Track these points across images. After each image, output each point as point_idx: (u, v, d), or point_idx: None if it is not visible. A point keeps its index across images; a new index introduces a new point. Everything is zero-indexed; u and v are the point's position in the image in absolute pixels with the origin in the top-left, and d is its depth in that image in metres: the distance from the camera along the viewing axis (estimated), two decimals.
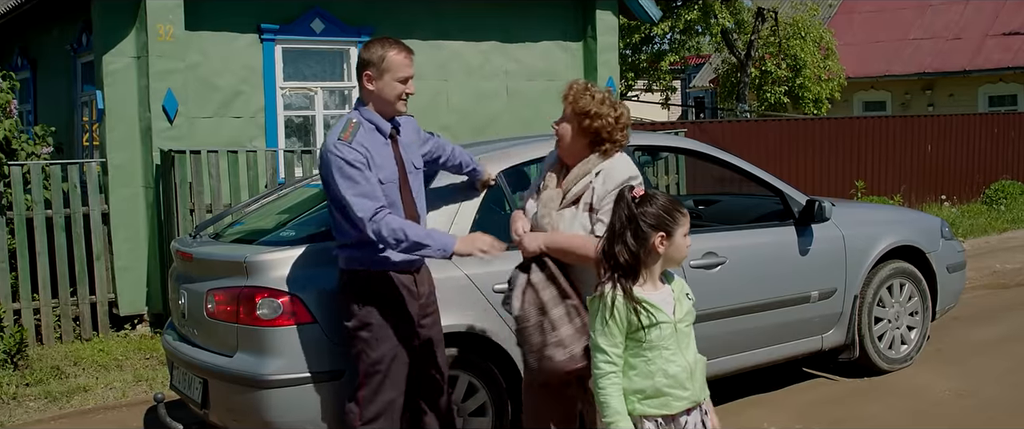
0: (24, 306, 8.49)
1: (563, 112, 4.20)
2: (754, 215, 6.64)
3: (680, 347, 3.34)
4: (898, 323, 6.89)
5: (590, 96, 4.11)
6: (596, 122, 4.09)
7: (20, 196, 8.41)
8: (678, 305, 3.37)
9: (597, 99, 4.12)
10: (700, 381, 3.39)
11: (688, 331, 3.39)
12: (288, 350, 4.55)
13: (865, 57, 27.00)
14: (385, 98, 4.29)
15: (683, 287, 3.45)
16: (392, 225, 4.05)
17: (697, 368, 3.38)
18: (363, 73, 4.29)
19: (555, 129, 4.22)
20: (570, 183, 4.17)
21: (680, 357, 3.33)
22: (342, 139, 4.18)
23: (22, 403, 6.98)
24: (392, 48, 4.29)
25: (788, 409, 6.21)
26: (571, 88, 4.19)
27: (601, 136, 4.13)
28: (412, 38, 10.60)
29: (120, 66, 9.03)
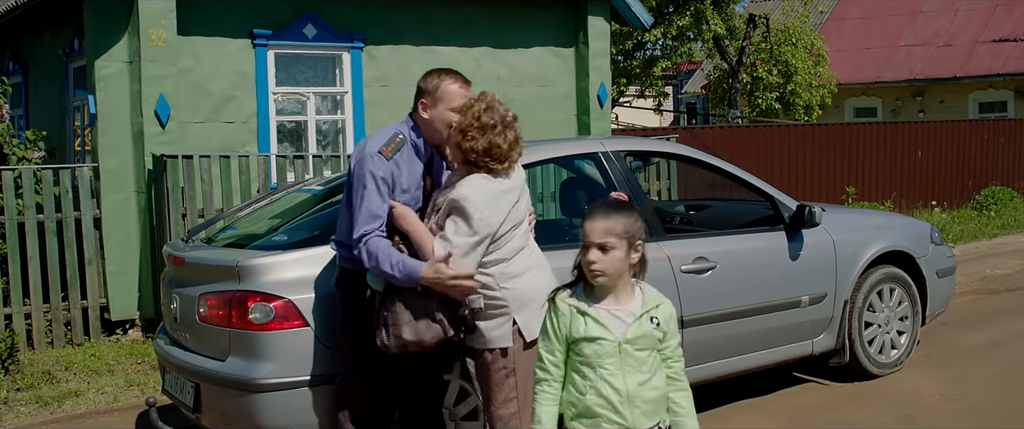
0: (15, 311, 8.48)
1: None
2: (745, 220, 6.67)
3: (622, 369, 3.15)
4: (888, 328, 6.92)
5: (484, 106, 4.26)
6: (471, 140, 4.19)
7: (12, 201, 8.40)
8: (632, 327, 3.17)
9: (495, 111, 4.26)
10: (644, 411, 3.16)
11: (641, 357, 3.17)
12: (280, 354, 4.56)
13: (856, 63, 27.10)
14: (436, 126, 4.38)
15: (656, 313, 3.21)
16: (371, 249, 4.14)
17: (642, 397, 3.15)
18: (419, 100, 4.44)
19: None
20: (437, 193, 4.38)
21: (619, 380, 3.14)
22: (383, 153, 4.29)
23: (13, 408, 6.97)
24: (449, 78, 4.44)
25: (779, 414, 6.23)
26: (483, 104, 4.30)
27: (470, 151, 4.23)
28: (404, 44, 10.64)
29: (112, 71, 9.03)
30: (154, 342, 5.70)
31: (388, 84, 10.61)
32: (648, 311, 3.20)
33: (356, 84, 10.43)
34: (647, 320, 3.18)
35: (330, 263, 4.68)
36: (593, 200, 5.96)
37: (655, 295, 3.26)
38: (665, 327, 3.21)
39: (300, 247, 4.89)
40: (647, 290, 3.26)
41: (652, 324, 3.18)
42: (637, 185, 5.83)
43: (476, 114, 4.18)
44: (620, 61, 24.99)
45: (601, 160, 5.74)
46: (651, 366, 3.19)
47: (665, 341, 3.21)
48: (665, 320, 3.22)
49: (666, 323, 3.22)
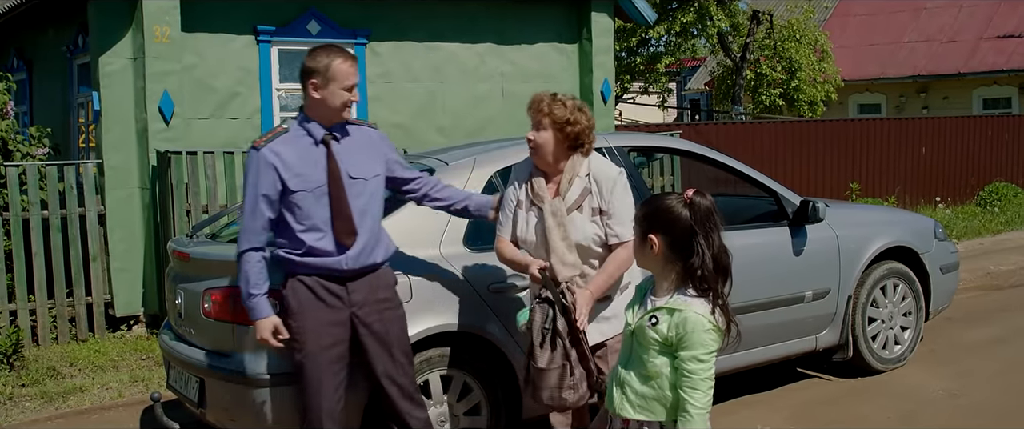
0: (20, 307, 8.50)
1: (535, 124, 4.37)
2: (748, 216, 6.66)
3: (628, 356, 3.25)
4: (892, 323, 6.92)
5: (562, 105, 4.33)
6: (575, 128, 4.32)
7: (16, 197, 8.42)
8: (638, 318, 3.21)
9: (569, 107, 4.34)
10: (634, 402, 3.19)
11: (644, 353, 3.16)
12: (284, 349, 4.56)
13: (860, 60, 27.07)
14: (330, 106, 4.29)
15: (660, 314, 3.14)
16: (241, 267, 4.29)
17: (632, 387, 3.19)
18: (308, 81, 4.28)
19: (531, 139, 4.37)
20: (565, 189, 4.36)
21: (622, 363, 3.28)
22: (255, 144, 4.29)
23: (18, 403, 6.99)
24: (338, 57, 4.28)
25: (782, 409, 6.23)
26: (541, 101, 4.36)
27: (580, 140, 4.36)
28: (407, 40, 10.65)
29: (116, 68, 9.05)
30: (159, 337, 5.71)
31: (392, 80, 10.62)
32: (655, 310, 3.15)
33: (361, 80, 10.43)
34: (648, 317, 3.15)
35: None
36: None
37: (680, 302, 3.11)
38: (668, 333, 3.09)
39: None
40: (679, 295, 3.14)
41: (649, 323, 3.13)
42: (640, 181, 5.84)
43: (563, 103, 4.34)
44: (624, 57, 24.98)
45: (604, 156, 5.73)
46: (655, 366, 3.13)
47: (677, 349, 3.09)
48: (671, 325, 3.09)
49: (670, 329, 3.09)
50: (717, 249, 3.12)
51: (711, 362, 3.09)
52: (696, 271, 3.09)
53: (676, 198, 3.17)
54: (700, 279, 3.10)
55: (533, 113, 4.37)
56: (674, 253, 3.12)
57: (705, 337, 3.06)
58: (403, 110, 10.68)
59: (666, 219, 3.14)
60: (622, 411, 3.21)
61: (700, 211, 3.11)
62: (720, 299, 3.12)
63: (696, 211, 3.11)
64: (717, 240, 3.13)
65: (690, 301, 3.10)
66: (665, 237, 3.13)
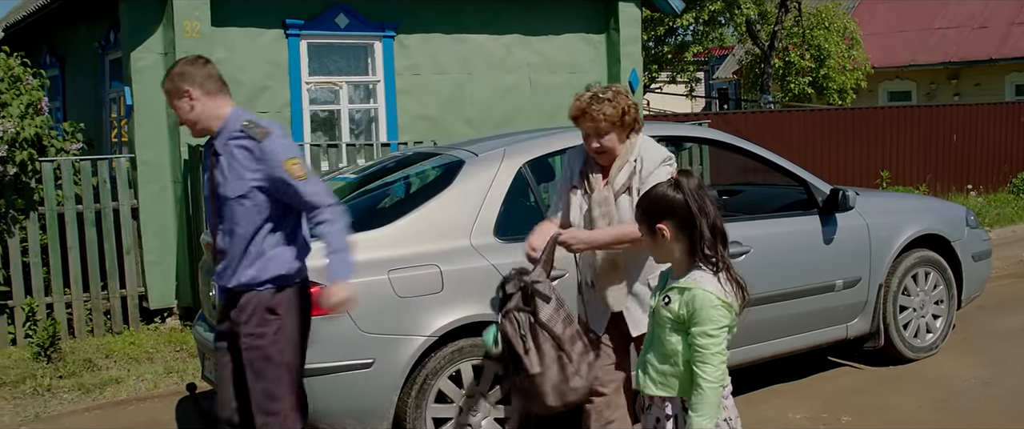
0: (56, 300, 8.61)
1: (594, 132, 4.23)
2: (778, 205, 6.67)
3: (650, 335, 3.43)
4: (923, 312, 6.90)
5: (607, 102, 4.20)
6: (629, 116, 4.25)
7: (51, 192, 8.53)
8: (655, 300, 3.40)
9: (613, 99, 4.23)
10: (654, 379, 3.36)
11: (660, 331, 3.34)
12: (318, 339, 4.61)
13: (889, 47, 26.86)
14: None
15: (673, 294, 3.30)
16: None
17: (652, 364, 3.36)
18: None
19: (598, 147, 4.25)
20: (614, 175, 4.30)
21: (646, 343, 3.46)
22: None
23: (56, 395, 7.09)
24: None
25: (813, 398, 6.23)
26: (587, 109, 4.21)
27: (634, 125, 4.31)
28: (434, 32, 10.69)
29: (148, 63, 9.13)
30: (193, 329, 5.78)
31: (420, 73, 10.66)
32: (668, 291, 3.31)
33: (388, 73, 10.48)
34: (662, 298, 3.32)
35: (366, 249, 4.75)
36: None
37: (690, 281, 3.26)
38: (680, 311, 3.24)
39: None
40: (691, 275, 3.27)
41: (663, 303, 3.31)
42: None
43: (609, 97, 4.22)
44: (651, 47, 24.94)
45: None
46: (671, 344, 3.29)
47: (688, 326, 3.24)
48: (682, 304, 3.24)
49: (681, 307, 3.24)
50: (713, 217, 3.28)
51: (721, 337, 3.22)
52: (702, 241, 3.25)
53: (663, 185, 3.35)
54: (706, 248, 3.26)
55: (586, 123, 4.24)
56: (682, 233, 3.28)
57: (714, 313, 3.20)
58: (431, 102, 10.72)
59: (666, 206, 3.30)
60: (646, 389, 3.41)
61: (690, 187, 3.28)
62: (724, 263, 3.28)
63: (686, 189, 3.27)
64: (711, 208, 3.29)
65: (700, 279, 3.25)
66: (671, 221, 3.28)
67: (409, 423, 4.83)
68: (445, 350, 4.86)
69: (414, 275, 4.81)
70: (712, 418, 3.20)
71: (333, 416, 4.72)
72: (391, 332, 4.72)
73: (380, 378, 4.72)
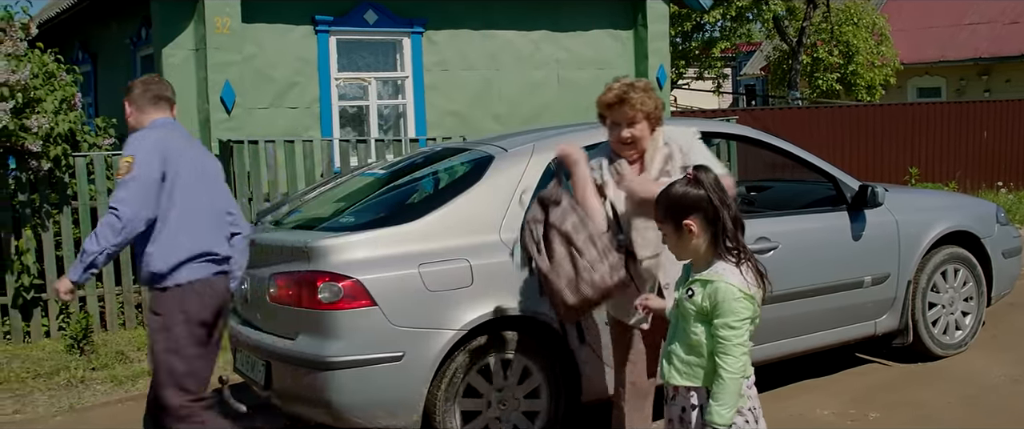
0: (89, 293, 8.72)
1: (627, 120, 4.29)
2: (806, 201, 6.65)
3: (674, 326, 3.51)
4: (952, 309, 6.87)
5: (646, 95, 4.29)
6: (659, 110, 4.34)
7: (84, 186, 8.63)
8: (678, 292, 3.50)
9: (651, 94, 4.32)
10: (679, 369, 3.44)
11: (684, 323, 3.42)
12: (349, 333, 4.66)
13: (918, 43, 26.68)
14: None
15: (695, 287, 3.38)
16: None
17: (677, 354, 3.45)
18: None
19: (629, 136, 4.30)
20: (650, 164, 4.34)
21: (669, 335, 3.54)
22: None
23: (90, 386, 7.19)
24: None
25: (841, 394, 6.22)
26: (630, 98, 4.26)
27: (660, 121, 4.38)
28: (463, 28, 10.73)
29: (179, 59, 9.22)
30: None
31: (448, 69, 10.71)
32: (691, 283, 3.38)
33: (417, 69, 10.54)
34: (685, 291, 3.39)
35: (397, 243, 4.80)
36: None
37: (713, 273, 3.33)
38: (703, 303, 3.32)
39: (367, 228, 5.00)
40: (714, 267, 3.35)
41: (687, 295, 3.37)
42: None
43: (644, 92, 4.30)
44: (678, 43, 24.90)
45: None
46: (695, 335, 3.36)
47: (711, 318, 3.31)
48: (705, 296, 3.32)
49: (704, 299, 3.32)
50: (734, 209, 3.38)
51: (743, 329, 3.29)
52: (725, 234, 3.34)
53: (681, 183, 3.42)
54: (728, 239, 3.34)
55: (621, 111, 4.29)
56: (707, 227, 3.35)
57: (736, 305, 3.27)
58: (459, 98, 10.76)
59: (691, 202, 3.37)
60: (671, 379, 3.47)
61: (709, 182, 3.36)
62: (746, 254, 3.36)
63: (706, 184, 3.36)
64: (731, 201, 3.39)
65: (722, 272, 3.32)
66: (697, 217, 3.35)
67: (438, 416, 4.86)
68: (475, 344, 4.89)
69: (444, 269, 4.84)
70: (732, 408, 3.28)
71: (363, 409, 4.76)
72: (421, 326, 4.75)
73: (410, 371, 4.75)
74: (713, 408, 3.27)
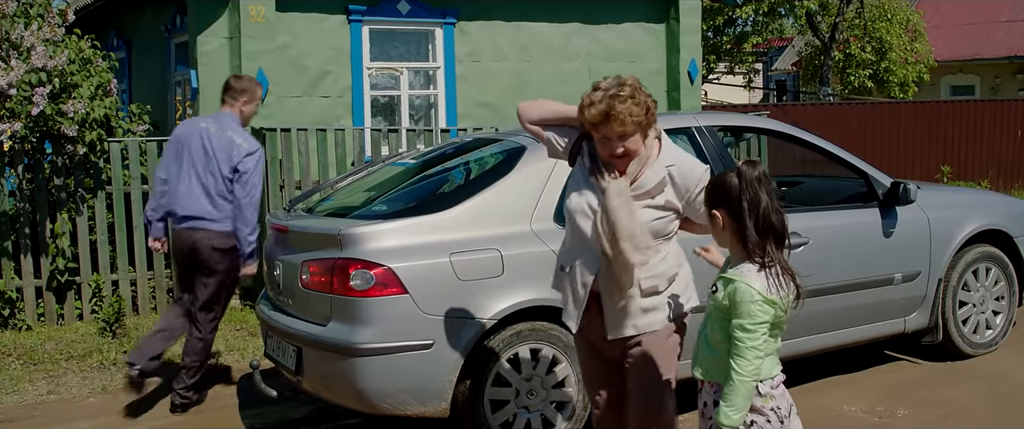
0: (121, 277, 8.81)
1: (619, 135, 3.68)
2: (838, 197, 6.64)
3: (708, 321, 3.47)
4: (983, 307, 6.84)
5: (634, 103, 3.66)
6: (652, 112, 3.75)
7: (119, 172, 8.72)
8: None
9: (639, 99, 3.69)
10: (704, 365, 3.44)
11: (713, 320, 3.40)
12: (380, 320, 4.70)
13: (953, 40, 26.46)
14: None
15: (719, 284, 3.35)
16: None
17: (705, 351, 3.44)
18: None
19: (622, 152, 3.70)
20: (635, 170, 3.75)
21: (701, 328, 3.51)
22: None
23: (122, 369, 7.26)
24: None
25: (869, 391, 6.21)
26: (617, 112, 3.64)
27: (653, 121, 3.80)
28: (495, 20, 10.75)
29: (213, 47, 9.29)
30: (256, 308, 5.90)
31: (480, 59, 10.72)
32: (718, 279, 3.38)
33: (449, 59, 10.56)
34: (711, 286, 3.41)
35: (428, 232, 4.84)
36: None
37: (736, 273, 3.29)
38: (723, 301, 3.29)
39: (399, 217, 5.04)
40: (741, 266, 3.31)
41: (711, 291, 3.39)
42: (730, 160, 5.85)
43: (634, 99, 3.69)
44: (710, 37, 24.80)
45: (694, 135, 5.77)
46: (716, 331, 3.37)
47: (729, 316, 3.27)
48: (725, 295, 3.29)
49: (725, 297, 3.28)
50: (763, 211, 3.24)
51: (758, 333, 3.21)
52: (749, 235, 3.26)
53: (730, 173, 3.35)
54: (751, 242, 3.26)
55: (609, 127, 3.67)
56: (734, 222, 3.30)
57: (752, 308, 3.21)
58: (490, 89, 10.78)
59: (723, 192, 3.33)
60: (695, 371, 3.49)
61: (746, 178, 3.27)
62: (770, 259, 3.25)
63: (743, 178, 3.27)
64: (764, 202, 3.25)
65: (746, 272, 3.26)
66: (724, 209, 3.32)
67: (467, 405, 4.90)
68: (504, 333, 4.92)
69: (475, 259, 4.87)
70: (740, 411, 3.22)
71: (392, 396, 4.80)
72: (451, 314, 4.79)
73: (439, 359, 4.79)
74: (721, 408, 3.24)
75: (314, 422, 6.01)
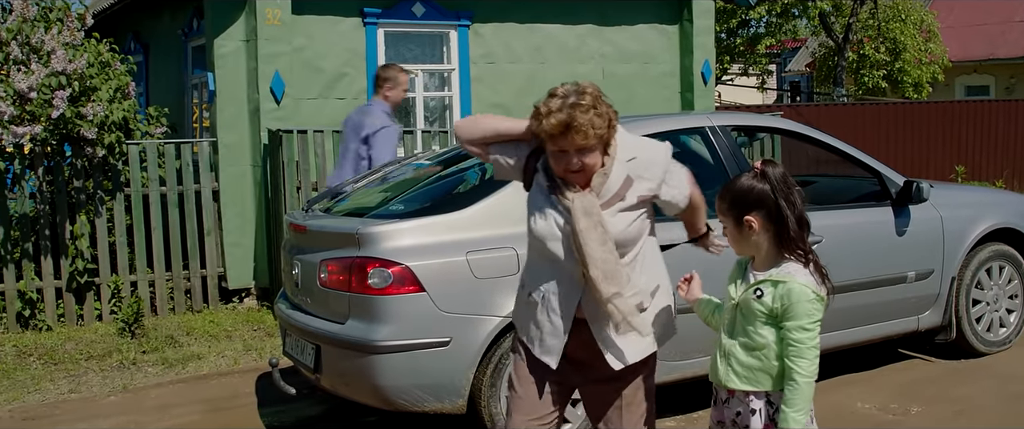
0: (140, 278, 8.91)
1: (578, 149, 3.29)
2: (851, 196, 6.67)
3: (733, 327, 3.34)
4: (997, 306, 6.86)
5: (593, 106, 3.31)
6: (614, 122, 3.41)
7: (137, 174, 8.82)
8: (742, 293, 3.30)
9: (598, 100, 3.36)
10: (739, 372, 3.29)
11: (749, 325, 3.27)
12: (398, 318, 4.77)
13: (967, 40, 26.40)
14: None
15: (764, 288, 3.24)
16: None
17: (737, 358, 3.29)
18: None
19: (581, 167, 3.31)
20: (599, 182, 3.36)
21: (726, 335, 3.37)
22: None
23: (141, 368, 7.36)
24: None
25: (883, 388, 6.24)
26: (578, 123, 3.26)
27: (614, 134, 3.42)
28: (509, 21, 10.79)
29: (230, 50, 9.37)
30: (275, 306, 5.97)
31: (494, 61, 10.78)
32: (759, 283, 3.26)
33: (463, 61, 10.62)
34: (753, 291, 3.26)
35: (445, 231, 4.89)
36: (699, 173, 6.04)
37: (782, 274, 3.23)
38: (774, 304, 3.21)
39: (416, 216, 5.10)
40: (784, 267, 3.25)
41: (754, 295, 3.25)
42: (744, 160, 5.89)
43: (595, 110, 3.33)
44: (723, 38, 24.80)
45: (708, 135, 5.82)
46: (762, 337, 3.25)
47: (782, 320, 3.21)
48: (776, 297, 3.21)
49: (775, 301, 3.21)
50: (800, 208, 3.25)
51: (816, 331, 3.19)
52: (789, 233, 3.23)
53: (748, 176, 3.30)
54: (793, 240, 3.24)
55: (570, 139, 3.27)
56: (771, 224, 3.25)
57: (809, 307, 3.17)
58: (504, 90, 10.83)
59: (755, 197, 3.26)
60: (728, 382, 3.33)
61: (777, 178, 3.25)
62: (812, 255, 3.25)
63: (773, 180, 3.25)
64: (798, 199, 3.26)
65: (794, 272, 3.21)
66: (759, 213, 3.26)
67: (483, 401, 4.95)
68: None
69: (491, 257, 4.92)
70: (806, 413, 3.19)
71: (410, 392, 4.86)
72: (468, 312, 4.84)
73: (456, 356, 4.85)
74: (788, 414, 3.17)
75: (331, 420, 6.07)
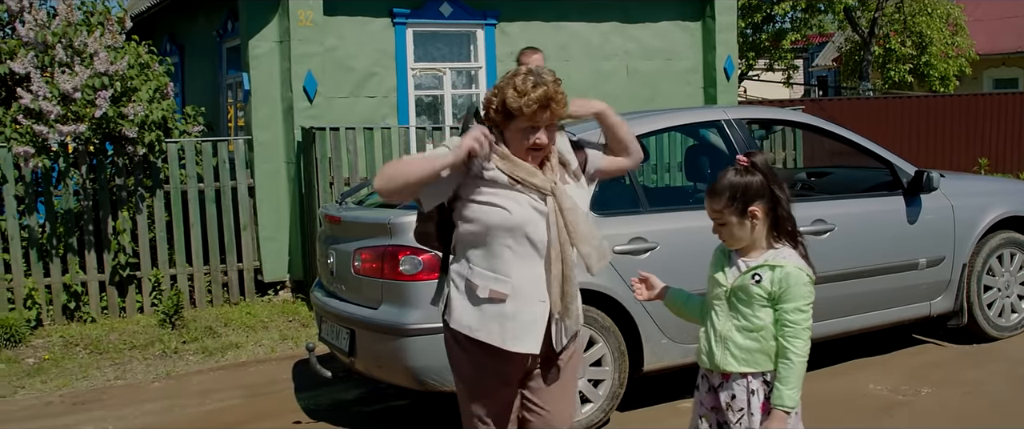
0: (179, 272, 9.24)
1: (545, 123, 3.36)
2: (864, 186, 6.86)
3: (726, 313, 3.44)
4: (1008, 292, 7.04)
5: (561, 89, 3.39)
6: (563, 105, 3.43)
7: (176, 171, 9.15)
8: (738, 278, 3.40)
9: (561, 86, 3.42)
10: (736, 355, 3.39)
11: (744, 309, 3.39)
12: (428, 302, 5.02)
13: (995, 33, 26.35)
14: None
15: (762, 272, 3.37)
16: None
17: (734, 341, 3.39)
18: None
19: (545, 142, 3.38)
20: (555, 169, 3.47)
21: (721, 322, 3.44)
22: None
23: (183, 357, 7.68)
24: None
25: (895, 371, 6.44)
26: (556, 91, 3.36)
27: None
28: (534, 20, 11.04)
29: (264, 50, 9.67)
30: (311, 294, 6.26)
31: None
32: (756, 268, 3.41)
33: (490, 59, 10.88)
34: (750, 275, 3.41)
35: None
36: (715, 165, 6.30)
37: (778, 258, 3.40)
38: (771, 288, 3.34)
39: None
40: (778, 252, 3.42)
41: (753, 280, 3.37)
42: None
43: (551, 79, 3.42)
44: (748, 34, 24.88)
45: (723, 128, 6.04)
46: (758, 318, 3.39)
47: (779, 302, 3.36)
48: (773, 281, 3.34)
49: (773, 284, 3.34)
50: (787, 194, 3.43)
51: (810, 312, 3.37)
52: (785, 219, 3.42)
53: (739, 172, 3.42)
54: (787, 223, 3.41)
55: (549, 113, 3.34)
56: (770, 210, 3.42)
57: (805, 289, 3.37)
58: None
59: (754, 190, 3.40)
60: (725, 366, 3.45)
61: (766, 168, 3.42)
62: (801, 239, 3.44)
63: (764, 170, 3.42)
64: (785, 185, 3.44)
65: (788, 256, 3.40)
66: (760, 202, 3.41)
67: None
68: None
69: None
70: (799, 390, 3.35)
71: (440, 373, 5.10)
72: None
73: None
74: (783, 391, 3.30)
75: (365, 403, 6.35)
